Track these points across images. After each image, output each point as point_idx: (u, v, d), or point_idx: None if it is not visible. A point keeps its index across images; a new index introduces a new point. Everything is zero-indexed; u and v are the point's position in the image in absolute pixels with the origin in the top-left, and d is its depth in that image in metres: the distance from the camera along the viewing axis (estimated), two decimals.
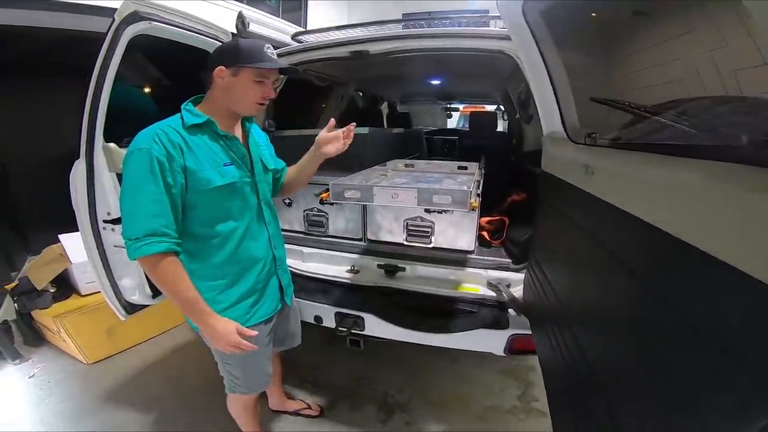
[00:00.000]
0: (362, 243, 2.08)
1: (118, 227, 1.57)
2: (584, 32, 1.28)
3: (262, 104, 1.23)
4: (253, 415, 1.64)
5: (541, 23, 1.21)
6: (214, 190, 1.18)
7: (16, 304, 2.56)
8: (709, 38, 0.81)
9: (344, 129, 1.39)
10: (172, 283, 1.11)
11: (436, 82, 3.73)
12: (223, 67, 1.16)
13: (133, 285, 1.69)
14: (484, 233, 2.06)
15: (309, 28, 3.67)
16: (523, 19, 1.19)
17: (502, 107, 4.62)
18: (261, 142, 1.44)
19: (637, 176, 0.71)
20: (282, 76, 1.72)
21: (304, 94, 3.17)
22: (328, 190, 1.58)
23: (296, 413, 2.00)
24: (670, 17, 0.97)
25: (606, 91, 1.23)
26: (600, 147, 1.04)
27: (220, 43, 1.73)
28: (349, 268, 2.02)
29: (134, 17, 1.40)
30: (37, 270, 2.56)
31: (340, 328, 1.74)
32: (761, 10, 0.49)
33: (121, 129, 1.56)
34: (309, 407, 2.02)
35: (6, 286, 2.68)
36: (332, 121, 1.40)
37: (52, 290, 2.54)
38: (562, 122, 1.37)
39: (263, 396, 1.97)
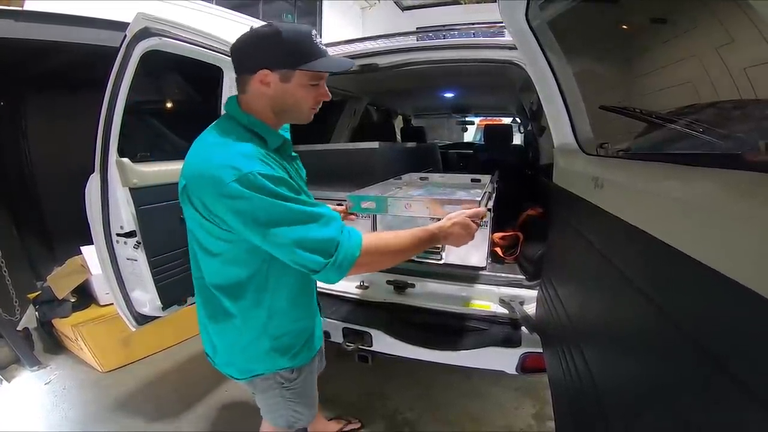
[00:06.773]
0: None
1: (130, 241, 1.59)
2: (598, 37, 1.24)
3: (315, 110, 1.01)
4: None
5: (546, 29, 1.18)
6: None
7: (37, 313, 2.65)
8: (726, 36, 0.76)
9: None
10: (388, 248, 0.97)
11: (449, 95, 3.71)
12: (268, 71, 0.89)
13: (143, 297, 1.71)
14: (498, 249, 2.00)
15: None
16: (527, 26, 1.16)
17: (518, 120, 4.55)
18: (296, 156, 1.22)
19: (644, 188, 0.66)
20: None
21: None
22: (340, 203, 1.51)
23: None
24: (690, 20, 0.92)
25: (630, 98, 1.17)
26: (611, 158, 0.99)
27: (245, 38, 0.99)
28: (359, 283, 1.99)
29: (145, 33, 1.42)
30: (59, 280, 2.63)
31: (346, 344, 1.71)
32: None
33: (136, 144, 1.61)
34: (350, 422, 1.96)
35: (29, 296, 2.77)
36: None
37: (72, 300, 2.61)
38: (574, 133, 1.32)
39: None
